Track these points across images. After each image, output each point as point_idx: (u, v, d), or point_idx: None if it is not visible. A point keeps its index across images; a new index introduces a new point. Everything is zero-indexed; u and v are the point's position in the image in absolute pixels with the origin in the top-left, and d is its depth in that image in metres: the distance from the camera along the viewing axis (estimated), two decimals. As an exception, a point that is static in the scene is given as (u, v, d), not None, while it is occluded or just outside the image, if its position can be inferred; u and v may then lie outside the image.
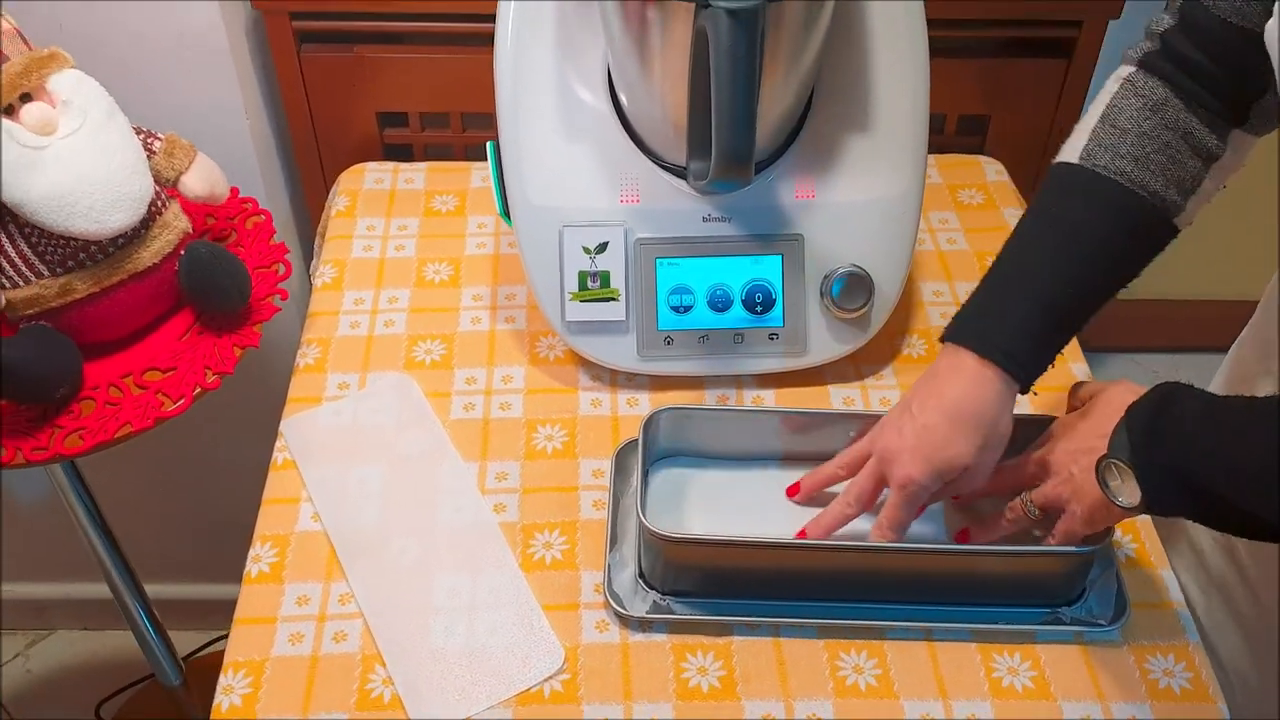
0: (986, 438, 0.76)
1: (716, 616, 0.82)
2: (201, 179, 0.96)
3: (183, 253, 0.95)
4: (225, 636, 0.83)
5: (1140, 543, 0.87)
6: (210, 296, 0.95)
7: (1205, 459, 0.65)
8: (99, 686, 1.62)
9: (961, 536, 0.84)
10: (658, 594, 0.83)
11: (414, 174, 1.19)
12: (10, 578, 1.69)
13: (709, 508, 0.88)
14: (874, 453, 0.80)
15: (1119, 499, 0.70)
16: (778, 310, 0.96)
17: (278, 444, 0.94)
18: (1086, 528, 0.76)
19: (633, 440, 0.89)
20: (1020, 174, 1.19)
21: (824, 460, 0.86)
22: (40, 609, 1.73)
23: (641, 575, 0.84)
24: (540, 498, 0.90)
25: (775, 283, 0.95)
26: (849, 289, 0.95)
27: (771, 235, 0.95)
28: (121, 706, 1.59)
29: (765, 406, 0.97)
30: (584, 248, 0.94)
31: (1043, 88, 1.20)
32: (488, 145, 0.98)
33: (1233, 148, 0.77)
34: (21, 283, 0.89)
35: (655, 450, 0.89)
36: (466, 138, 1.26)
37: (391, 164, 1.20)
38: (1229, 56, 0.72)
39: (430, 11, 1.16)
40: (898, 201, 0.96)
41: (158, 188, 0.93)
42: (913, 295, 1.06)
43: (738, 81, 0.77)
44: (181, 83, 1.14)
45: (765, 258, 0.95)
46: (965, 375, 0.76)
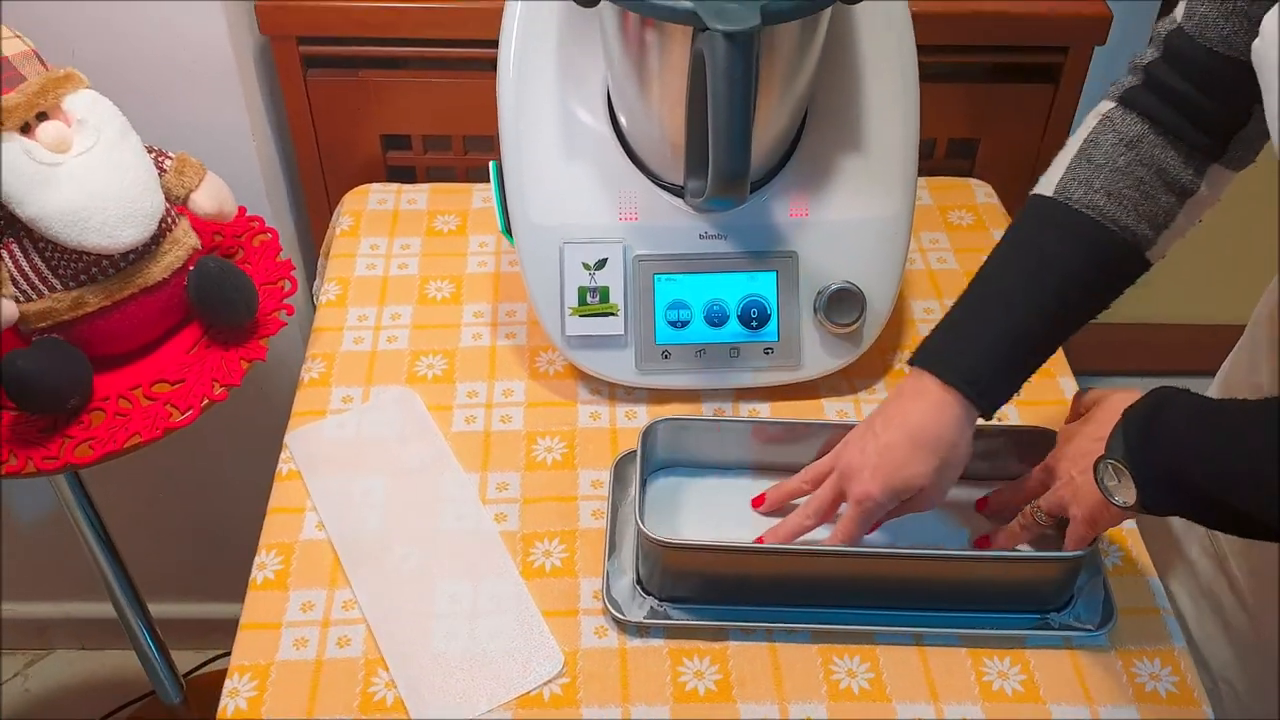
0: (944, 460, 0.79)
1: (712, 622, 0.83)
2: (211, 197, 0.99)
3: (192, 268, 0.97)
4: (225, 655, 0.84)
5: (1127, 550, 0.89)
6: (218, 311, 0.97)
7: (1198, 458, 0.67)
8: (98, 706, 1.63)
9: (981, 543, 0.86)
10: (655, 600, 0.84)
11: (417, 195, 1.21)
12: (11, 597, 1.69)
13: (705, 516, 0.90)
14: (836, 468, 0.82)
15: (1116, 498, 0.72)
16: (773, 325, 0.98)
17: (282, 455, 0.96)
18: (1089, 529, 0.78)
19: (631, 451, 0.90)
20: (1009, 196, 1.21)
21: None
22: (40, 629, 1.74)
23: (639, 582, 0.85)
24: (540, 507, 0.92)
25: (770, 298, 0.98)
26: (842, 305, 0.97)
27: (766, 252, 0.98)
28: (122, 724, 1.60)
29: (760, 417, 0.99)
30: (584, 264, 0.97)
31: (1031, 112, 1.23)
32: (490, 165, 1.01)
33: (1209, 183, 0.78)
34: (35, 296, 0.91)
35: (653, 460, 0.91)
36: (468, 160, 1.28)
37: (395, 185, 1.22)
38: (1215, 86, 0.73)
39: (433, 37, 1.19)
40: (889, 221, 0.98)
41: (168, 205, 0.96)
42: (904, 312, 1.08)
43: (734, 102, 0.80)
44: (191, 105, 1.17)
45: (760, 274, 0.98)
46: (928, 399, 0.78)
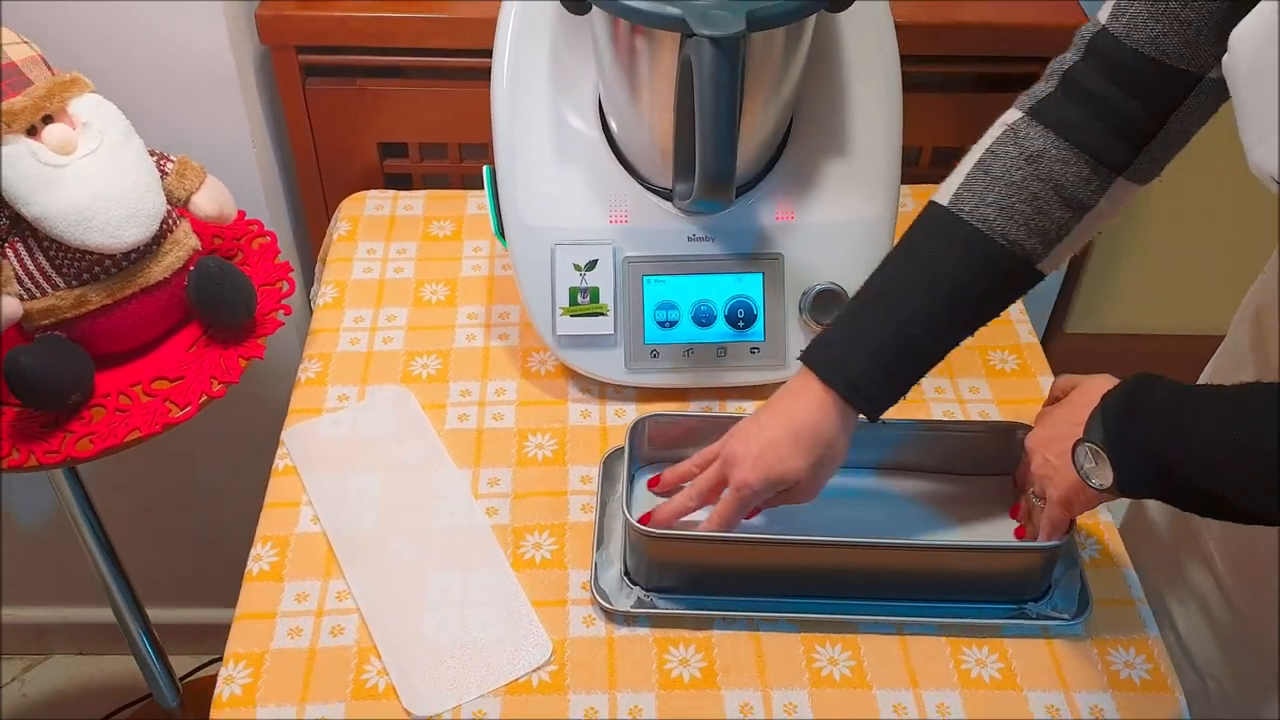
0: (821, 458, 0.81)
1: (698, 611, 0.85)
2: (211, 199, 1.01)
3: (192, 268, 0.99)
4: (221, 659, 0.84)
5: (1104, 544, 0.91)
6: (218, 310, 1.00)
7: (1177, 442, 0.68)
8: (94, 710, 1.65)
9: (1019, 533, 0.89)
10: (642, 590, 0.86)
11: (413, 201, 1.23)
12: (9, 602, 1.71)
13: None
14: (721, 455, 0.84)
15: (1093, 481, 0.73)
16: (759, 325, 1.00)
17: (279, 451, 0.98)
18: (1064, 511, 0.80)
19: (620, 448, 0.93)
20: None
21: None
22: (38, 633, 1.75)
23: (627, 573, 0.87)
24: (531, 502, 0.94)
25: (756, 299, 1.00)
26: (826, 305, 0.99)
27: (753, 254, 1.00)
28: (118, 728, 1.62)
29: (746, 414, 1.00)
30: (575, 265, 0.99)
31: (1013, 122, 1.25)
32: (484, 169, 1.03)
33: (1109, 198, 0.78)
34: (39, 294, 0.94)
35: (641, 455, 0.93)
36: (464, 168, 1.31)
37: (392, 191, 1.25)
38: (1139, 88, 0.74)
39: (430, 47, 1.21)
40: (872, 223, 1.01)
41: (169, 207, 0.98)
42: (889, 315, 1.10)
43: (720, 106, 0.83)
44: (192, 113, 1.19)
45: (747, 275, 1.00)
46: (811, 398, 0.81)
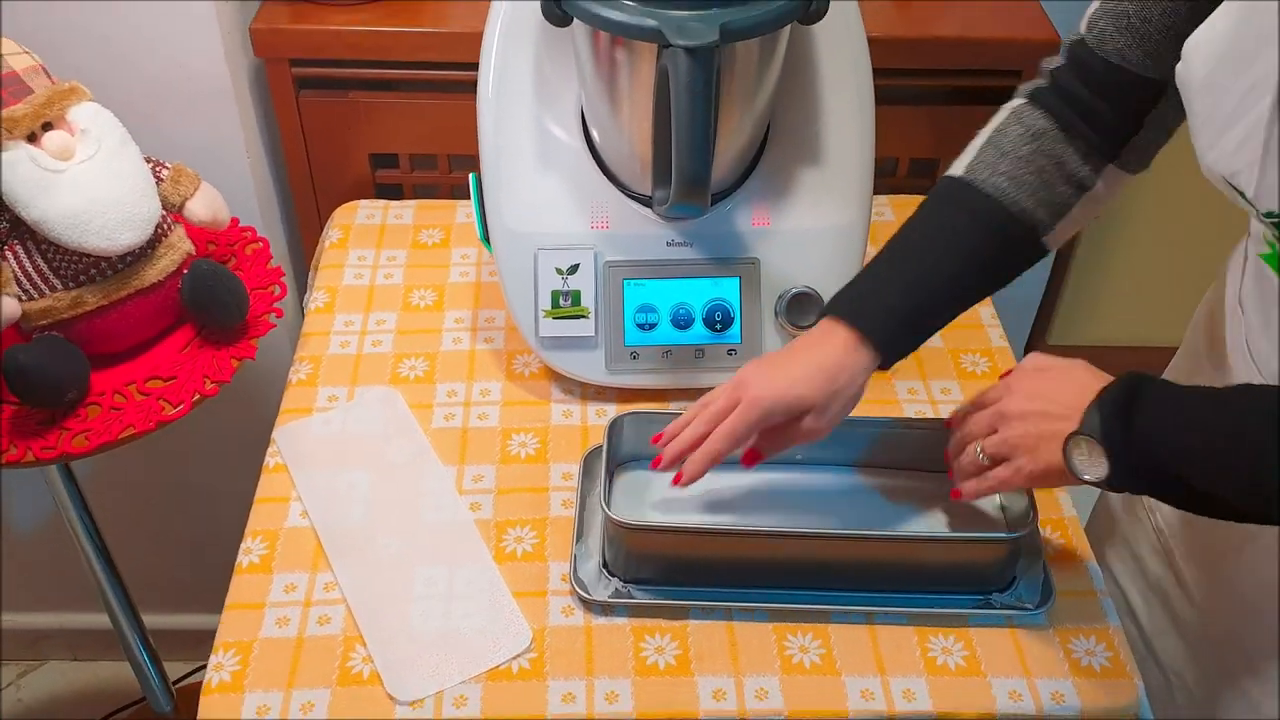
0: (837, 393, 0.84)
1: (674, 601, 0.88)
2: (205, 205, 1.04)
3: (186, 271, 1.03)
4: None
5: (1068, 538, 0.94)
6: (211, 311, 1.03)
7: (1175, 442, 0.71)
8: (90, 714, 1.67)
9: (956, 494, 0.87)
10: (620, 581, 0.89)
11: (403, 210, 1.27)
12: (6, 608, 1.73)
13: (669, 507, 0.94)
14: (733, 381, 0.87)
15: (1085, 474, 0.75)
16: (736, 328, 1.03)
17: (270, 450, 1.01)
18: (1028, 483, 0.82)
19: (600, 446, 0.95)
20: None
21: (780, 463, 0.94)
22: (34, 639, 1.78)
23: (605, 565, 0.90)
24: (513, 498, 0.97)
25: (734, 302, 1.03)
26: (801, 308, 1.02)
27: (730, 259, 1.03)
28: (112, 731, 1.64)
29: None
30: (557, 269, 1.02)
31: (987, 133, 1.29)
32: (470, 177, 1.06)
33: (1105, 182, 0.85)
34: (36, 295, 0.97)
35: (619, 451, 0.96)
36: (453, 178, 1.34)
37: (383, 201, 1.28)
38: (1110, 94, 0.82)
39: (421, 60, 1.25)
40: (846, 229, 1.04)
41: (164, 212, 1.01)
42: (864, 319, 1.13)
43: (695, 112, 0.86)
44: (188, 123, 1.23)
45: (724, 279, 1.03)
46: (835, 341, 0.85)
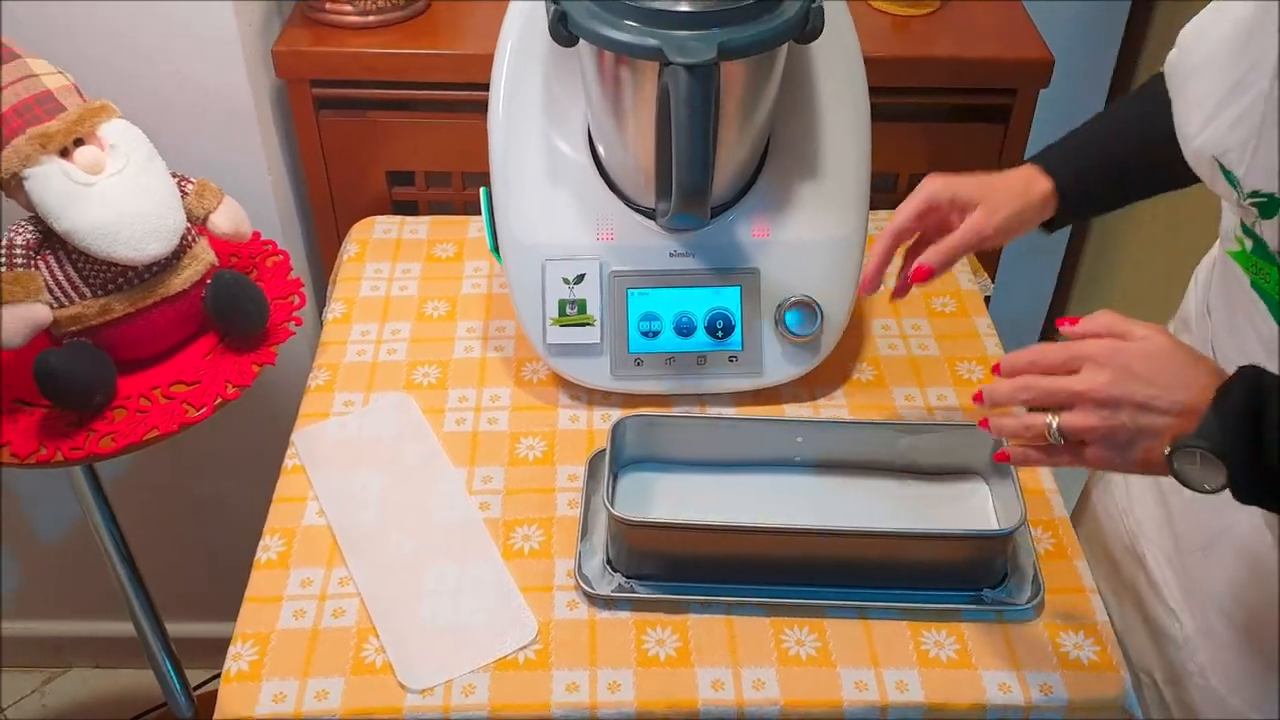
0: (1013, 199, 0.92)
1: (675, 595, 0.91)
2: (228, 218, 1.09)
3: (209, 281, 1.07)
4: None
5: (1058, 536, 0.97)
6: (233, 319, 1.07)
7: None
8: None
9: (984, 424, 0.83)
10: (623, 577, 0.92)
11: (418, 225, 1.31)
12: (30, 616, 1.77)
13: (672, 507, 0.98)
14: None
15: (1203, 485, 0.70)
16: (737, 336, 1.07)
17: (288, 452, 1.05)
18: (1105, 467, 0.76)
19: (605, 449, 0.99)
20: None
21: (779, 465, 0.98)
22: (57, 647, 1.82)
23: (609, 561, 0.93)
24: (521, 498, 1.00)
25: (735, 311, 1.07)
26: (800, 317, 1.06)
27: (731, 269, 1.07)
28: (134, 737, 1.67)
29: (723, 415, 1.07)
30: (564, 279, 1.06)
31: (984, 150, 1.33)
32: (482, 191, 1.11)
33: None
34: (67, 302, 1.01)
35: (623, 452, 1.00)
36: (466, 195, 1.38)
37: (399, 217, 1.32)
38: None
39: (437, 81, 1.30)
40: (844, 241, 1.07)
41: (189, 224, 1.06)
42: (863, 327, 1.17)
43: (694, 126, 0.90)
44: (212, 142, 1.28)
45: (725, 289, 1.07)
46: (1024, 173, 0.95)
